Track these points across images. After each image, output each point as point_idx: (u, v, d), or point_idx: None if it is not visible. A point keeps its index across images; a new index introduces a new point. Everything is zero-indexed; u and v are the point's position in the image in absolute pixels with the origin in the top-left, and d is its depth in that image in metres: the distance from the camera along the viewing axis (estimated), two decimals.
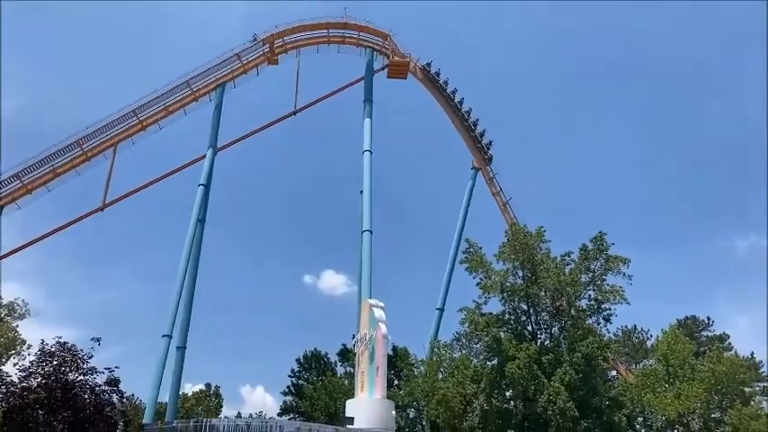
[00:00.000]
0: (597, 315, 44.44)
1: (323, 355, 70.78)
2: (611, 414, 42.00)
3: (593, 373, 41.87)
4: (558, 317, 44.51)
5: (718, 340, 66.22)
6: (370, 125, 55.51)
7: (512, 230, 47.16)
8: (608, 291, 43.81)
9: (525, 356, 40.27)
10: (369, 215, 49.96)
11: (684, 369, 49.77)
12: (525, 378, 39.90)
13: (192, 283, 51.71)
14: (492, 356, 44.42)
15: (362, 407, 32.77)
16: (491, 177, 69.65)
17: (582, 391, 40.16)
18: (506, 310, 45.44)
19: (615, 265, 43.94)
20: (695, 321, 68.99)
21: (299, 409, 64.28)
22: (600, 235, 44.70)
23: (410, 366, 55.69)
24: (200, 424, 25.37)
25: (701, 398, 46.73)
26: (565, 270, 44.64)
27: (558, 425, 38.43)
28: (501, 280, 44.83)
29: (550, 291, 43.74)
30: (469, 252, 46.68)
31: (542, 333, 45.29)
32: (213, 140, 55.62)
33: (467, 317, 45.03)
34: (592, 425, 40.42)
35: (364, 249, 48.72)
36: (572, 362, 40.24)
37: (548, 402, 38.63)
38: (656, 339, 59.87)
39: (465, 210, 68.92)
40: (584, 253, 44.76)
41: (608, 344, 45.67)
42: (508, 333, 44.44)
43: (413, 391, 50.87)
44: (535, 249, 45.12)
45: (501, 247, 45.95)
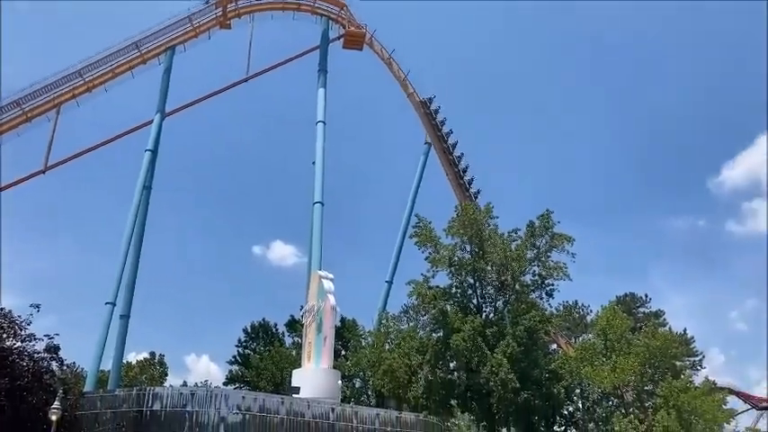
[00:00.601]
0: (540, 290, 45.73)
1: (271, 325, 70.70)
2: (551, 386, 43.49)
3: (534, 346, 43.21)
4: (503, 291, 45.57)
5: (654, 316, 69.19)
6: (323, 95, 54.85)
7: (461, 206, 47.85)
8: (552, 267, 45.06)
9: (470, 329, 41.20)
10: (320, 187, 49.63)
11: (621, 343, 51.77)
12: (469, 350, 40.84)
13: (138, 251, 50.57)
14: (438, 328, 45.27)
15: (309, 376, 32.97)
16: (443, 151, 70.03)
17: (523, 364, 41.41)
18: (453, 283, 46.28)
19: (560, 242, 45.15)
20: (633, 298, 71.72)
21: (244, 379, 64.23)
22: (546, 213, 45.77)
23: (358, 338, 56.29)
24: (143, 392, 25.04)
25: (636, 371, 48.77)
26: (511, 246, 45.62)
27: (500, 395, 39.60)
28: (449, 254, 45.52)
29: (496, 266, 44.67)
30: (419, 227, 47.17)
31: (487, 306, 46.37)
32: (161, 105, 53.95)
33: (415, 290, 45.66)
34: (531, 396, 41.73)
35: (315, 221, 48.51)
36: (515, 335, 41.36)
37: (490, 374, 39.71)
38: (596, 315, 62.04)
39: (417, 185, 69.28)
40: (531, 230, 45.81)
41: (550, 318, 47.15)
42: (454, 306, 45.28)
43: (359, 361, 51.47)
44: (483, 225, 45.91)
45: (450, 223, 46.57)
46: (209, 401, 24.42)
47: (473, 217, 45.40)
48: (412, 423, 27.97)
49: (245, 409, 24.68)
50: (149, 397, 24.55)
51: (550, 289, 45.68)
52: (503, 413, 42.64)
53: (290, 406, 25.82)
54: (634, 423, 47.22)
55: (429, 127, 68.88)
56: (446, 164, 70.04)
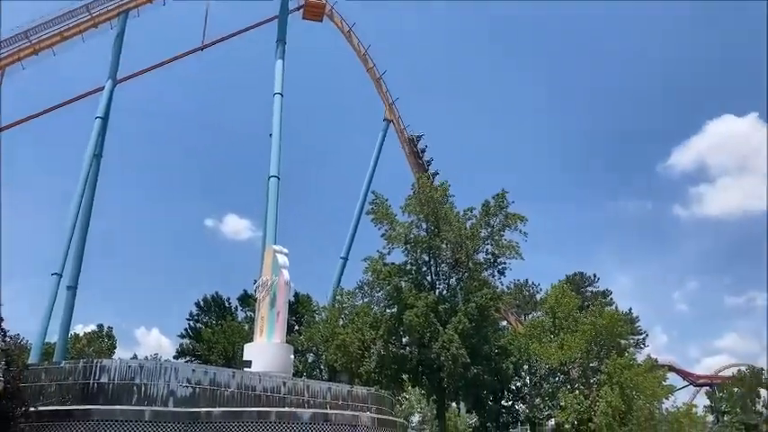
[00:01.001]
0: (493, 268, 46.46)
1: (223, 299, 70.01)
2: (500, 361, 44.53)
3: (485, 323, 44.02)
4: (457, 268, 46.13)
5: (601, 296, 71.24)
6: (282, 67, 53.83)
7: (418, 183, 48.00)
8: (505, 246, 45.76)
9: (423, 305, 41.68)
10: (277, 160, 49.00)
11: (569, 321, 53.27)
12: (422, 325, 41.36)
13: (86, 221, 49.23)
14: (392, 304, 45.62)
15: (260, 350, 32.82)
16: (402, 130, 70.07)
17: (474, 340, 42.19)
18: (409, 260, 46.59)
19: (513, 222, 45.84)
20: (582, 277, 73.59)
21: (196, 353, 63.63)
22: (501, 193, 46.34)
23: (311, 313, 56.34)
24: (89, 365, 24.53)
25: (582, 348, 50.31)
26: (466, 225, 46.12)
27: (450, 370, 40.32)
28: (405, 232, 45.73)
29: (451, 243, 45.12)
30: (376, 204, 47.21)
31: (441, 283, 46.91)
32: (113, 71, 52.20)
33: (370, 266, 45.80)
34: (481, 371, 42.64)
35: (270, 195, 47.93)
36: (466, 311, 42.02)
37: (441, 349, 40.34)
38: (546, 293, 63.61)
39: (375, 161, 69.08)
40: (486, 209, 46.33)
41: (501, 295, 48.12)
42: (409, 283, 45.65)
43: (313, 336, 51.59)
44: (439, 203, 46.18)
45: (407, 200, 46.72)
46: (159, 374, 24.09)
47: (430, 195, 45.64)
48: (363, 397, 28.22)
49: (196, 383, 24.46)
50: (96, 369, 24.06)
51: (502, 267, 46.46)
52: (452, 387, 43.51)
53: (241, 379, 25.70)
54: (579, 398, 48.84)
55: (387, 104, 68.75)
56: (404, 142, 70.17)
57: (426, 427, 66.53)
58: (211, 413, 23.16)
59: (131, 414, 22.33)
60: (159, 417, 22.43)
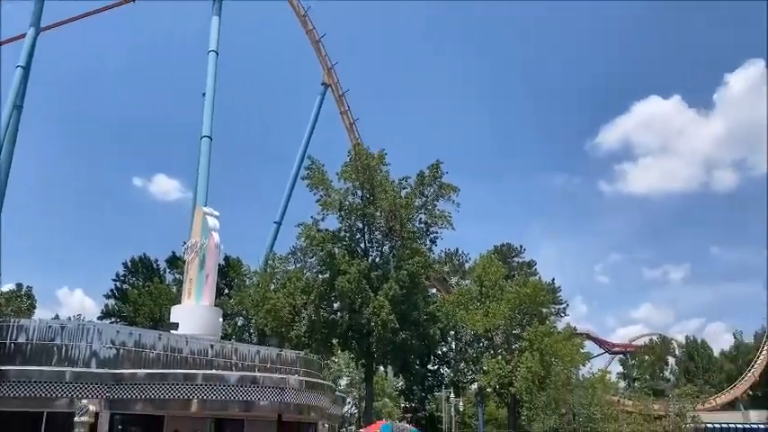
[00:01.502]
0: (425, 237, 47.34)
1: (151, 261, 68.37)
2: (428, 327, 45.65)
3: (415, 290, 44.94)
4: (390, 236, 46.68)
5: (526, 266, 73.62)
6: (218, 24, 51.94)
7: (355, 151, 47.88)
8: (437, 216, 46.63)
9: (356, 272, 42.10)
10: (210, 120, 47.55)
11: (495, 290, 55.06)
12: (353, 291, 41.83)
13: (5, 176, 46.81)
14: (324, 270, 45.84)
15: (188, 313, 32.30)
16: (340, 95, 69.39)
17: (404, 306, 43.06)
18: (343, 227, 46.78)
19: (447, 192, 46.63)
20: (510, 248, 75.70)
21: (121, 314, 62.14)
22: (436, 163, 46.92)
23: (242, 277, 55.84)
24: (6, 324, 23.60)
25: (506, 316, 52.21)
26: (401, 193, 46.55)
27: (379, 335, 41.12)
28: (340, 198, 45.79)
29: (386, 212, 45.51)
30: (312, 169, 46.89)
31: (374, 251, 47.41)
32: (36, 19, 49.21)
33: (304, 232, 45.72)
34: (410, 336, 43.67)
35: (202, 156, 46.61)
36: (398, 278, 42.75)
37: (372, 314, 41.01)
38: (474, 262, 65.32)
39: (312, 126, 68.30)
40: (421, 179, 46.87)
41: (431, 264, 49.01)
42: (342, 249, 45.93)
43: (243, 300, 51.29)
44: (375, 171, 46.33)
45: (343, 167, 46.62)
46: (81, 335, 23.43)
47: (366, 162, 45.68)
48: (292, 360, 28.40)
49: (120, 344, 23.94)
50: (14, 329, 23.18)
51: (435, 236, 47.43)
52: (381, 352, 44.44)
53: (168, 341, 25.32)
54: (501, 364, 50.85)
55: (325, 68, 67.81)
56: (342, 107, 69.58)
57: (354, 390, 67.66)
58: (136, 375, 22.78)
59: (51, 375, 21.69)
60: (81, 378, 21.88)
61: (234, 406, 22.97)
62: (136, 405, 22.52)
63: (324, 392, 26.42)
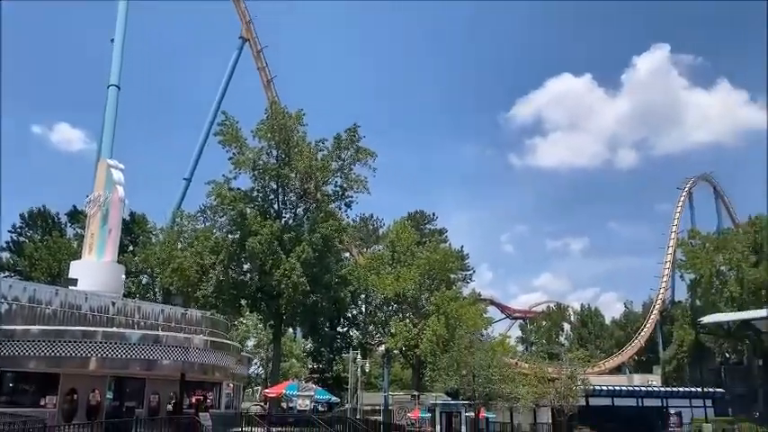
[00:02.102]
0: (340, 201, 47.24)
1: (51, 213, 64.63)
2: (339, 290, 45.97)
3: (328, 253, 44.95)
4: (305, 199, 46.32)
5: (438, 233, 75.30)
6: None
7: (271, 109, 46.82)
8: (354, 180, 46.52)
9: (268, 233, 41.55)
10: (118, 68, 45.37)
11: (407, 256, 56.11)
12: (264, 253, 41.35)
13: None
14: (235, 230, 44.93)
15: (89, 269, 30.94)
16: (258, 51, 67.49)
17: (315, 269, 43.01)
18: (256, 187, 45.88)
19: (364, 156, 46.50)
20: (423, 215, 77.13)
21: (16, 268, 58.67)
22: (354, 127, 46.60)
23: (148, 233, 53.94)
24: None
25: (416, 281, 53.42)
26: (317, 156, 46.05)
27: (290, 297, 40.98)
28: (254, 157, 44.74)
29: (301, 173, 44.95)
30: (225, 125, 45.43)
31: (287, 212, 46.95)
32: None
33: (214, 190, 44.47)
34: (320, 299, 43.84)
35: (109, 106, 44.58)
36: (311, 241, 42.57)
37: (282, 276, 40.74)
38: (388, 228, 66.18)
39: (227, 80, 66.28)
40: (338, 142, 46.45)
41: (345, 228, 49.17)
42: (254, 210, 45.10)
43: (148, 257, 49.63)
44: (292, 131, 45.51)
45: (258, 125, 45.47)
46: None
47: (282, 122, 44.76)
48: (197, 320, 27.98)
49: (12, 299, 22.74)
50: None
51: (350, 201, 47.33)
52: (291, 314, 44.39)
53: (65, 297, 24.28)
54: (408, 327, 52.15)
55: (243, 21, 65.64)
56: (259, 63, 67.79)
57: (261, 351, 67.61)
58: (29, 331, 21.77)
59: None
60: None
61: (135, 365, 22.49)
62: (29, 362, 21.60)
63: (229, 353, 26.28)
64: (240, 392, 34.75)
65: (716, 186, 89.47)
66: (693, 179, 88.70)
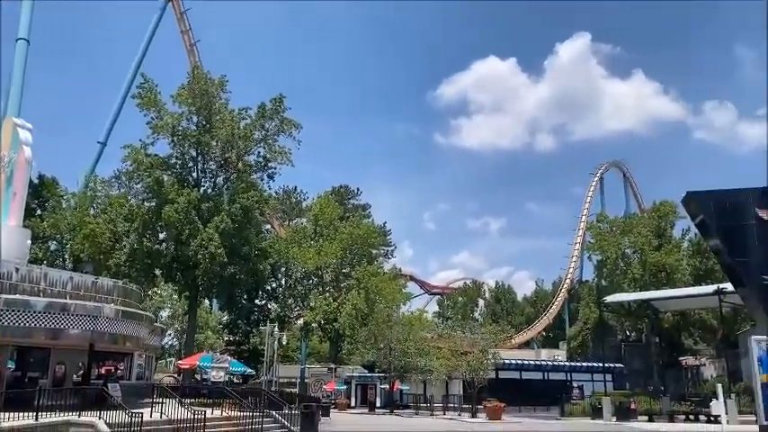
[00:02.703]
0: (263, 172, 46.50)
1: None
2: (258, 262, 45.47)
3: (248, 225, 44.33)
4: (226, 168, 45.37)
5: (361, 208, 75.76)
6: None
7: (193, 74, 45.37)
8: (277, 151, 45.87)
9: (185, 201, 40.51)
10: (27, 21, 42.53)
11: (329, 230, 56.19)
12: (181, 222, 40.34)
13: None
14: (151, 198, 43.57)
15: None
16: (182, 13, 64.96)
17: (234, 240, 42.37)
18: (174, 154, 44.49)
19: (288, 128, 45.89)
20: (347, 190, 77.27)
21: None
22: (280, 97, 45.81)
23: (58, 198, 51.29)
24: None
25: (338, 255, 53.66)
26: (240, 124, 45.07)
27: (206, 268, 40.24)
28: (174, 122, 43.33)
29: (222, 142, 43.97)
30: (144, 87, 43.68)
31: (207, 181, 45.84)
32: None
33: (130, 155, 42.83)
34: (239, 270, 43.28)
35: (16, 61, 41.79)
36: (230, 212, 41.86)
37: (199, 247, 39.93)
38: (312, 201, 65.93)
39: (148, 42, 63.43)
40: (262, 111, 45.56)
41: (267, 199, 48.56)
42: (172, 177, 43.85)
43: (57, 223, 47.29)
44: (214, 98, 44.35)
45: (179, 89, 43.99)
46: None
47: (204, 88, 43.47)
48: (108, 289, 26.98)
49: None
50: None
51: (272, 172, 46.66)
52: (207, 285, 43.66)
53: None
54: (328, 300, 52.47)
55: None
56: (182, 26, 65.31)
57: (176, 322, 66.23)
58: None
59: None
60: None
61: (40, 333, 21.56)
62: None
63: (142, 323, 25.62)
64: (152, 363, 33.97)
65: (625, 173, 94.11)
66: (605, 165, 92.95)
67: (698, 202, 18.39)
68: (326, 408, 33.59)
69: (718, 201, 17.80)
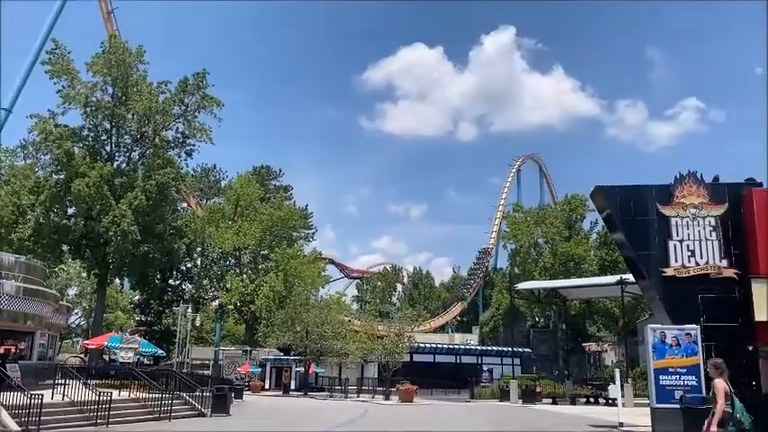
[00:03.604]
0: (180, 148, 45.12)
1: None
2: (173, 241, 44.22)
3: (163, 202, 42.96)
4: (141, 142, 43.77)
5: (283, 190, 74.92)
6: None
7: (110, 43, 43.25)
8: (197, 128, 44.55)
9: (97, 176, 38.84)
10: None
11: (249, 210, 55.39)
12: (92, 197, 38.68)
13: None
14: (60, 171, 41.45)
15: None
16: None
17: (148, 217, 40.96)
18: (87, 125, 42.50)
19: (210, 105, 44.64)
20: (269, 171, 76.12)
21: None
22: (203, 72, 44.45)
23: None
24: None
25: (257, 236, 53.01)
26: (159, 98, 43.46)
27: (118, 246, 38.77)
28: (87, 93, 41.35)
29: (139, 115, 42.35)
30: (55, 54, 41.33)
31: (121, 156, 44.12)
32: None
33: (38, 125, 40.53)
34: (152, 249, 41.98)
35: None
36: (145, 188, 40.42)
37: (111, 224, 38.44)
38: (231, 181, 64.65)
39: (60, 7, 59.79)
40: (183, 86, 44.12)
41: (184, 177, 47.22)
42: (83, 150, 41.90)
43: None
44: (132, 69, 42.55)
45: (94, 58, 41.90)
46: None
47: (122, 57, 41.59)
48: (10, 264, 25.48)
49: None
50: None
51: (191, 149, 45.34)
52: (118, 263, 42.07)
53: None
54: (245, 282, 51.83)
55: None
56: None
57: (84, 301, 63.56)
58: None
59: None
60: None
61: None
62: None
63: (45, 301, 24.48)
64: (57, 343, 32.55)
65: (541, 166, 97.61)
66: (523, 157, 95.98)
67: (604, 196, 19.27)
68: (240, 390, 33.29)
69: (623, 196, 18.73)
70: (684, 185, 18.23)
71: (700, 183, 18.23)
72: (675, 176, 18.41)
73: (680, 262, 17.57)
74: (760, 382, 16.33)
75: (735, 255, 17.41)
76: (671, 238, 17.80)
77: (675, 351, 16.16)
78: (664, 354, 16.22)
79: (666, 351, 16.22)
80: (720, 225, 17.71)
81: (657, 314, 19.20)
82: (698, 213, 17.90)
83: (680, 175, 18.41)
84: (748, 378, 16.24)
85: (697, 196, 18.08)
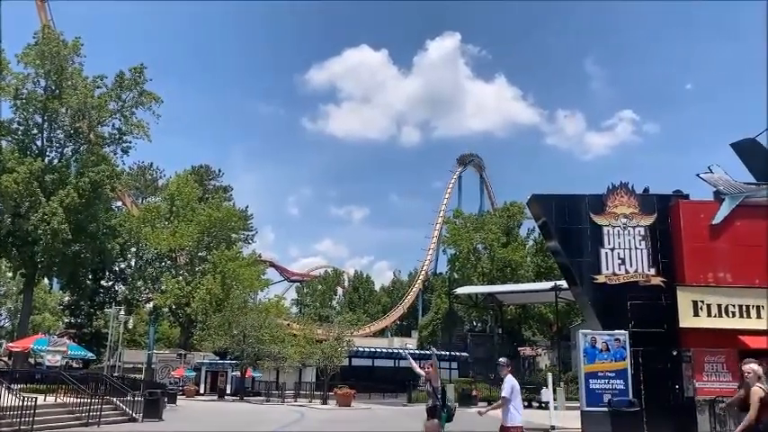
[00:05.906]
0: (116, 145, 43.71)
1: None
2: (106, 241, 42.83)
3: (97, 200, 41.57)
4: (75, 138, 42.24)
5: (222, 190, 73.58)
6: None
7: (43, 33, 41.56)
8: (134, 124, 43.33)
9: (26, 171, 37.27)
10: None
11: (186, 210, 54.16)
12: (21, 193, 37.12)
13: None
14: None
15: None
16: None
17: (81, 216, 39.58)
18: (17, 118, 40.71)
19: (148, 101, 43.51)
20: (208, 170, 74.62)
21: None
22: (140, 67, 43.31)
23: None
24: None
25: (194, 237, 51.90)
26: (94, 92, 42.06)
27: (47, 244, 37.28)
28: (18, 84, 39.66)
29: (73, 110, 40.82)
30: None
31: (53, 151, 42.41)
32: None
33: None
34: (84, 248, 40.59)
35: None
36: (77, 185, 39.06)
37: (41, 221, 36.93)
38: (168, 180, 63.09)
39: None
40: (120, 81, 42.88)
41: (119, 174, 45.73)
42: (12, 144, 40.19)
43: None
44: (67, 62, 41.03)
45: (26, 49, 40.23)
46: None
47: (56, 49, 40.04)
48: None
49: None
50: None
51: (127, 146, 43.99)
52: (48, 263, 40.39)
53: None
54: (181, 284, 50.68)
55: None
56: None
57: (8, 302, 60.69)
58: None
59: None
60: None
61: None
62: None
63: None
64: None
65: (482, 173, 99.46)
66: (462, 168, 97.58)
67: (540, 204, 19.76)
68: (173, 394, 32.49)
69: (558, 204, 19.21)
70: (616, 196, 18.88)
71: (631, 193, 18.90)
72: (608, 187, 19.05)
73: (611, 269, 18.19)
74: (683, 386, 17.10)
75: (662, 263, 18.13)
76: (603, 246, 18.40)
77: (605, 356, 16.78)
78: (594, 358, 16.82)
79: (597, 356, 16.82)
80: (649, 235, 18.43)
81: (589, 320, 19.79)
82: (628, 223, 18.59)
83: (612, 185, 19.05)
84: (672, 382, 17.02)
85: (628, 206, 18.75)
